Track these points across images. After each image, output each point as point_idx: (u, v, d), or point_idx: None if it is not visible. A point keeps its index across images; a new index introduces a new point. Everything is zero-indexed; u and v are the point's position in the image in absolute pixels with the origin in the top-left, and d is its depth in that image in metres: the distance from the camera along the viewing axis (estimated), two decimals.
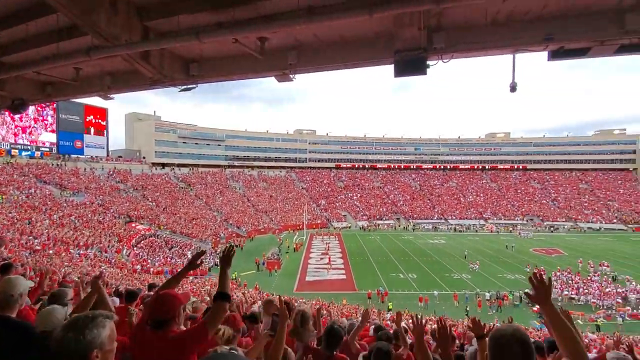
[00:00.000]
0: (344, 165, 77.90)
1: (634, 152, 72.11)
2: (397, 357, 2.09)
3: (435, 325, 2.18)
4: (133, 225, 36.89)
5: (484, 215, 60.73)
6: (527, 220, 58.75)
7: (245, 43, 6.39)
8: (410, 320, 2.51)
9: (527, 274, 27.97)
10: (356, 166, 78.13)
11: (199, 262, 2.62)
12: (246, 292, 21.03)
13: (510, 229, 54.21)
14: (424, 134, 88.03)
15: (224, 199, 56.53)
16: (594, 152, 73.99)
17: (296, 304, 8.65)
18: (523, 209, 62.27)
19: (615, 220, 57.19)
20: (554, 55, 5.63)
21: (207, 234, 40.73)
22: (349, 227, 56.31)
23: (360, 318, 5.77)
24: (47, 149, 47.33)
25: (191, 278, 24.96)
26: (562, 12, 5.29)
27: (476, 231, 54.43)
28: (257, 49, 6.65)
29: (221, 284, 2.17)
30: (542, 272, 1.65)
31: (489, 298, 22.87)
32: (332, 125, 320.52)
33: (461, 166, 77.71)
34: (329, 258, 33.56)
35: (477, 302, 22.47)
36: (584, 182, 69.92)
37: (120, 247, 29.41)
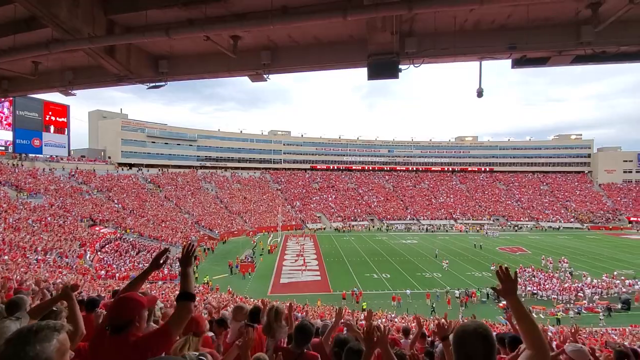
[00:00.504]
0: (319, 167, 78.18)
1: (589, 156, 77.50)
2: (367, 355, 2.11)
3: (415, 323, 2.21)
4: (97, 228, 35.06)
5: (453, 216, 62.92)
6: (493, 220, 61.46)
7: (218, 41, 6.25)
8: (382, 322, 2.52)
9: (492, 272, 29.33)
10: (331, 167, 78.63)
11: (162, 261, 2.49)
12: (219, 296, 20.58)
13: (478, 228, 56.51)
14: (397, 137, 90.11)
15: (195, 201, 55.02)
16: (553, 155, 78.81)
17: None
18: (490, 210, 65.12)
19: (572, 220, 61.08)
20: (517, 63, 5.94)
21: (177, 237, 39.43)
22: (324, 229, 56.52)
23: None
24: (2, 148, 44.06)
25: (160, 283, 24.07)
26: (525, 23, 5.59)
27: (446, 231, 56.28)
28: (230, 47, 6.52)
29: (184, 284, 2.06)
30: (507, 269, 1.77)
31: (458, 295, 23.69)
32: (307, 126, 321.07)
33: (433, 168, 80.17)
34: (304, 259, 33.51)
35: (447, 299, 23.23)
36: (544, 183, 74.18)
37: (83, 251, 27.85)
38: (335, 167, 78.80)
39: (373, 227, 58.67)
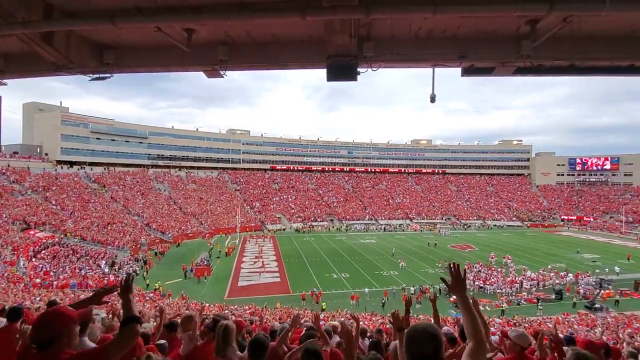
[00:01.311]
0: (279, 167, 77.56)
1: (528, 160, 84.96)
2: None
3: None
4: (31, 232, 31.77)
5: (409, 216, 65.61)
6: (445, 220, 65.02)
7: (170, 33, 5.92)
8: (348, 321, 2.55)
9: (439, 268, 30.98)
10: (291, 168, 78.34)
11: (105, 299, 2.31)
12: (171, 302, 19.56)
13: (432, 227, 59.44)
14: (357, 138, 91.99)
15: (146, 202, 51.90)
16: (497, 159, 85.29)
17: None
18: (442, 209, 68.80)
19: (514, 219, 66.47)
20: (466, 71, 6.30)
21: (124, 240, 36.86)
22: (284, 229, 56.13)
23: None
24: None
25: None
26: (473, 34, 5.93)
27: (403, 230, 58.53)
28: (184, 40, 6.21)
29: (127, 310, 1.93)
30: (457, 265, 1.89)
31: (413, 292, 24.69)
32: (267, 126, 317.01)
33: (390, 170, 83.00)
34: (263, 261, 32.98)
35: (402, 296, 24.11)
36: (490, 185, 79.97)
37: (16, 258, 25.06)
38: (296, 168, 78.68)
39: (333, 227, 59.36)
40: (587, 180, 75.22)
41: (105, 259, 30.42)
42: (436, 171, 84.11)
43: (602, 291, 24.77)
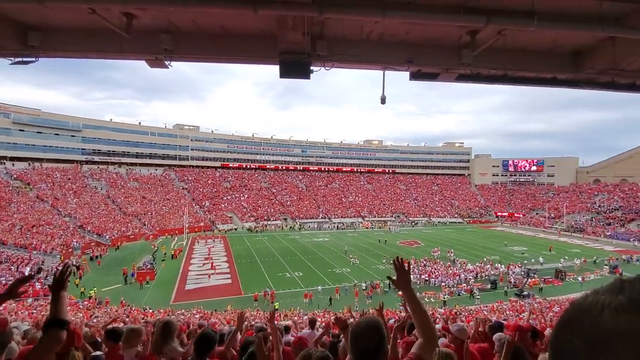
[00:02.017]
0: (231, 165, 75.27)
1: (468, 161, 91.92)
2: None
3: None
4: None
5: (361, 214, 67.54)
6: (395, 217, 67.98)
7: (107, 17, 5.41)
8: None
9: (384, 264, 32.25)
10: (244, 166, 76.48)
11: (21, 289, 2.02)
12: (109, 310, 18.03)
13: (382, 225, 61.78)
14: (311, 137, 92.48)
15: (79, 201, 47.30)
16: (442, 160, 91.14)
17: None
18: (392, 207, 71.83)
19: (456, 215, 71.51)
20: (414, 76, 6.58)
21: (53, 244, 33.22)
22: (236, 229, 54.62)
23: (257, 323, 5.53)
24: None
25: (30, 300, 19.97)
26: (420, 40, 6.21)
27: (355, 228, 60.06)
28: (123, 25, 5.71)
29: (54, 310, 1.71)
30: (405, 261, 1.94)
31: (364, 288, 25.45)
32: (219, 122, 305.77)
33: (343, 169, 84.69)
34: (212, 263, 31.77)
35: (354, 292, 24.74)
36: (435, 184, 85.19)
37: None
38: (249, 166, 76.96)
39: (286, 226, 59.09)
40: (517, 180, 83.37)
41: (30, 265, 27.17)
42: (387, 171, 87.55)
43: (529, 280, 27.66)
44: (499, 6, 5.12)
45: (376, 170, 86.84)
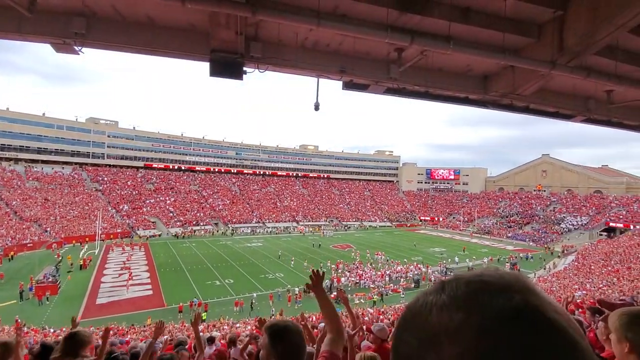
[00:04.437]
0: (156, 166, 69.51)
1: (397, 168, 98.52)
2: None
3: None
4: None
5: (296, 218, 67.70)
6: (329, 222, 69.54)
7: None
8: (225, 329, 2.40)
9: (306, 268, 32.77)
10: (170, 167, 71.23)
11: None
12: None
13: (316, 229, 62.69)
14: (246, 140, 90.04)
15: None
16: (373, 167, 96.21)
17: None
18: (326, 212, 73.39)
19: (385, 220, 75.85)
20: (346, 85, 6.82)
21: None
22: (159, 235, 50.40)
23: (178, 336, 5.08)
24: None
25: None
26: (352, 52, 6.46)
27: (289, 233, 59.91)
28: (25, 3, 4.92)
29: None
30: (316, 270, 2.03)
31: (297, 293, 25.43)
32: (141, 118, 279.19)
33: (279, 173, 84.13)
34: (130, 273, 28.82)
35: (287, 297, 24.58)
36: (367, 190, 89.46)
37: None
38: (176, 167, 71.92)
39: (217, 231, 56.46)
40: (438, 187, 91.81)
41: None
42: (322, 176, 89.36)
43: (446, 277, 30.41)
44: (422, 28, 5.57)
45: (311, 175, 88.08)
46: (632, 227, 46.46)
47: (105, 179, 60.74)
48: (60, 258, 32.30)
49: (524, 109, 8.58)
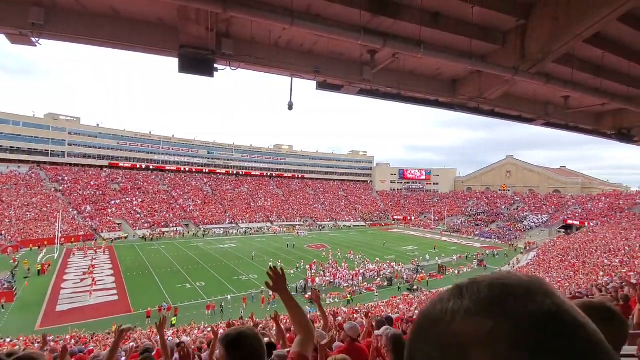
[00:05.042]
0: (122, 165, 66.45)
1: (371, 169, 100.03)
2: None
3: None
4: None
5: (270, 219, 67.06)
6: (303, 222, 69.42)
7: None
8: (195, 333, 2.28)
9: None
10: (138, 166, 68.35)
11: None
12: None
13: (291, 229, 62.41)
14: (218, 139, 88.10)
15: None
16: (348, 167, 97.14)
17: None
18: (301, 212, 73.24)
19: (359, 219, 76.78)
20: (320, 86, 6.81)
21: None
22: (126, 238, 48.20)
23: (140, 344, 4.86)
24: None
25: None
26: (326, 53, 6.47)
27: (263, 233, 59.25)
28: None
29: None
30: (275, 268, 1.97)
31: (271, 294, 25.15)
32: (106, 115, 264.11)
33: (253, 172, 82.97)
34: (93, 278, 27.35)
35: (261, 299, 24.29)
36: (342, 190, 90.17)
37: None
38: (144, 166, 69.10)
39: (188, 232, 54.83)
40: (410, 187, 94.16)
41: None
42: (296, 176, 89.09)
43: (418, 275, 31.33)
44: (394, 31, 5.66)
45: (286, 175, 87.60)
46: (586, 224, 49.85)
47: (66, 178, 57.33)
48: (16, 263, 30.17)
49: (490, 112, 8.97)
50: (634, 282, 8.06)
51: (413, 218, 76.91)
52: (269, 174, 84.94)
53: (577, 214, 55.56)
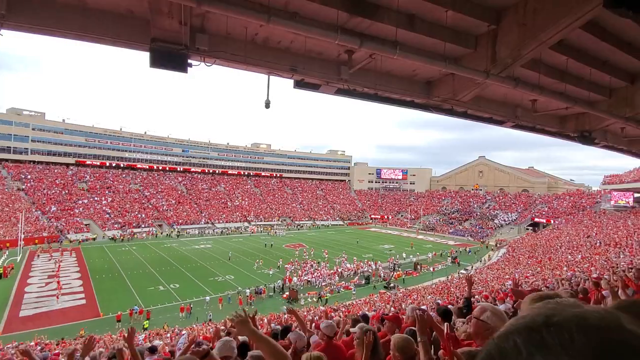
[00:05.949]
0: (90, 162, 63.49)
1: (349, 168, 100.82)
2: None
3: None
4: None
5: (247, 218, 66.18)
6: (281, 221, 69.01)
7: None
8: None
9: (257, 268, 32.44)
10: (107, 164, 65.51)
11: None
12: None
13: (269, 229, 61.86)
14: (193, 137, 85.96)
15: None
16: (326, 166, 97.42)
17: None
18: (279, 211, 72.76)
19: (337, 218, 77.21)
20: (297, 84, 6.77)
21: None
22: (94, 239, 46.12)
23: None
24: None
25: None
26: (304, 51, 6.43)
27: (240, 233, 58.38)
28: None
29: None
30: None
31: (248, 294, 24.85)
32: (73, 110, 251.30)
33: (229, 171, 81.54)
34: (59, 281, 25.99)
35: (238, 300, 23.92)
36: (320, 189, 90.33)
37: None
38: (114, 164, 66.34)
39: (161, 233, 53.18)
40: (388, 186, 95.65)
41: None
42: (274, 175, 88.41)
43: (394, 273, 31.87)
44: (371, 32, 5.71)
45: (263, 174, 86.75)
46: (552, 221, 52.54)
47: (29, 176, 54.14)
48: None
49: (463, 114, 9.24)
50: (595, 276, 8.56)
51: (390, 217, 78.16)
52: (246, 173, 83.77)
53: (543, 212, 58.38)
